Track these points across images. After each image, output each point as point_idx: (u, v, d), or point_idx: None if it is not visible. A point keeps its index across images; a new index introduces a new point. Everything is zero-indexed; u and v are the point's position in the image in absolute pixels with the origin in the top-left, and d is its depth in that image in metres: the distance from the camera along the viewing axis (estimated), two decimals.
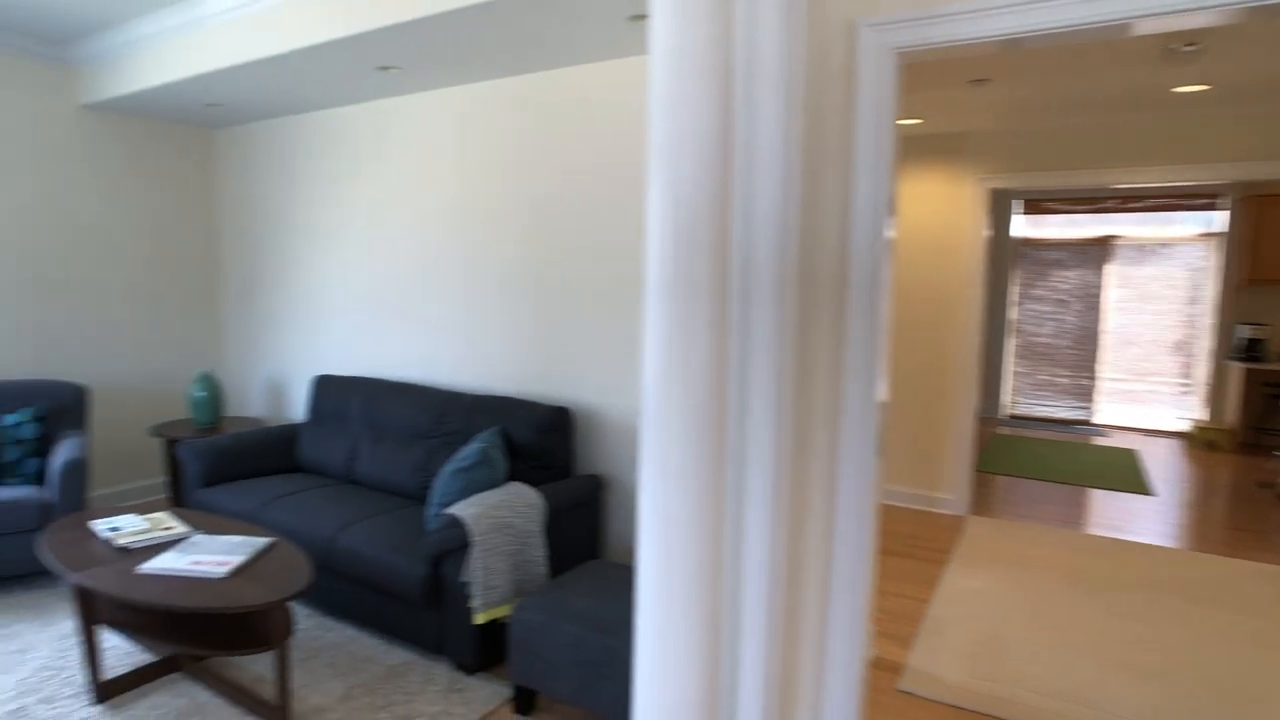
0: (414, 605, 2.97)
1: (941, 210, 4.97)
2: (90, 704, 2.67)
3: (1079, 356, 8.26)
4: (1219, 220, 7.45)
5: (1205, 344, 7.63)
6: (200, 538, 2.86)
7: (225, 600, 2.36)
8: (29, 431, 3.84)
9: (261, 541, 2.81)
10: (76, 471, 3.56)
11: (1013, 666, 3.06)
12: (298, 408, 4.86)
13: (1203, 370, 7.67)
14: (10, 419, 3.82)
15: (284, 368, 4.93)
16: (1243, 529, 4.87)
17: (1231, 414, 7.27)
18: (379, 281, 4.33)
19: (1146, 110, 4.28)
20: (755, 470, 1.94)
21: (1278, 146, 4.20)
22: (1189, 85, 3.71)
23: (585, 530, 3.32)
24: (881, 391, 2.06)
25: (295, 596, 2.44)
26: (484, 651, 2.87)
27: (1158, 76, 3.56)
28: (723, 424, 1.90)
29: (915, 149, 5.03)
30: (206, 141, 5.12)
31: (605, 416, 3.48)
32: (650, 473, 1.91)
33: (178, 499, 4.63)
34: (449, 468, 3.12)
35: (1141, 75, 3.55)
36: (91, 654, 2.67)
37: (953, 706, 2.78)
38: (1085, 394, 8.28)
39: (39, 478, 3.83)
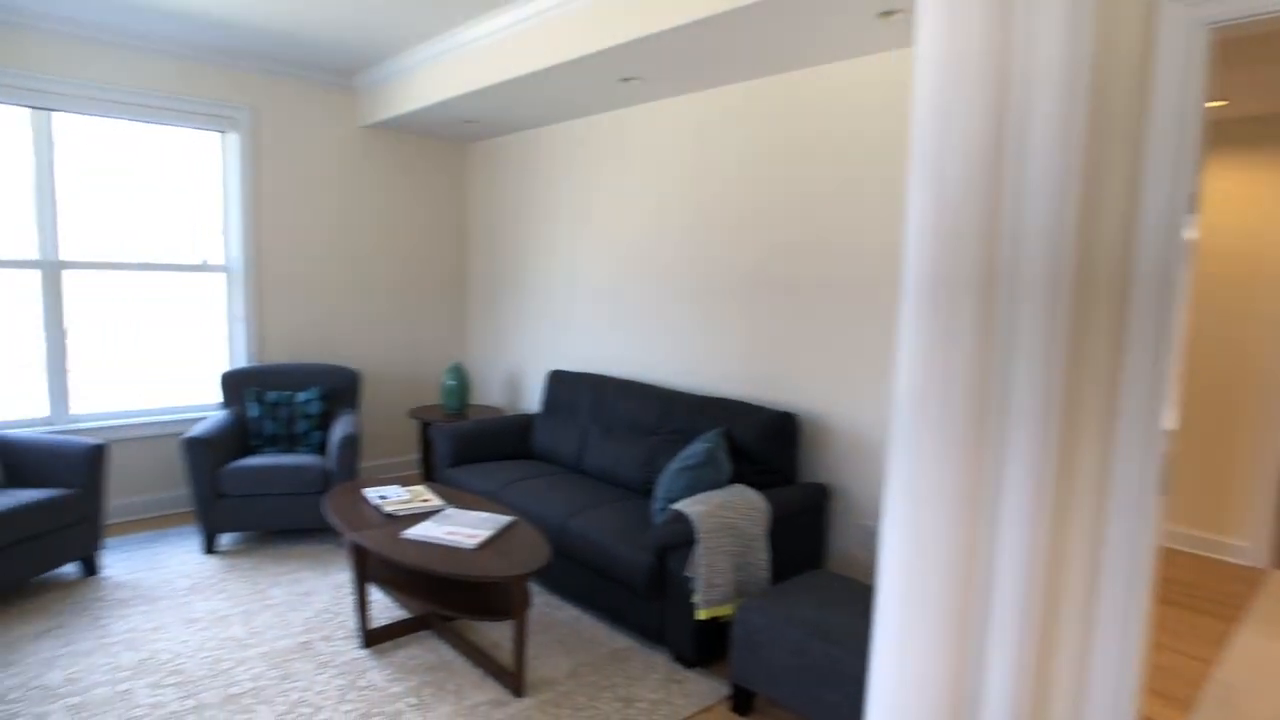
0: (637, 594, 3.05)
1: (1247, 206, 4.28)
2: (359, 647, 3.02)
3: None
4: None
5: None
6: (452, 511, 3.14)
7: (476, 569, 2.57)
8: (315, 408, 4.42)
9: (504, 519, 3.03)
10: (351, 445, 4.05)
11: None
12: (532, 399, 5.20)
13: None
14: (301, 396, 4.43)
15: (521, 361, 5.30)
16: None
17: None
18: (610, 283, 4.52)
19: None
20: (1012, 492, 1.78)
21: None
22: None
23: (808, 539, 3.24)
24: (1167, 418, 1.81)
25: (536, 573, 2.61)
26: (703, 647, 2.89)
27: None
28: (981, 439, 1.77)
29: (1214, 135, 4.37)
30: (461, 154, 5.64)
31: (832, 424, 3.38)
32: (897, 484, 1.82)
33: (428, 475, 5.13)
34: (674, 465, 3.18)
35: None
36: (362, 604, 3.02)
37: None
38: None
39: (321, 448, 4.40)
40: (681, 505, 2.89)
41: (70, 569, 3.69)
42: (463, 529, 2.91)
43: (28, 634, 3.05)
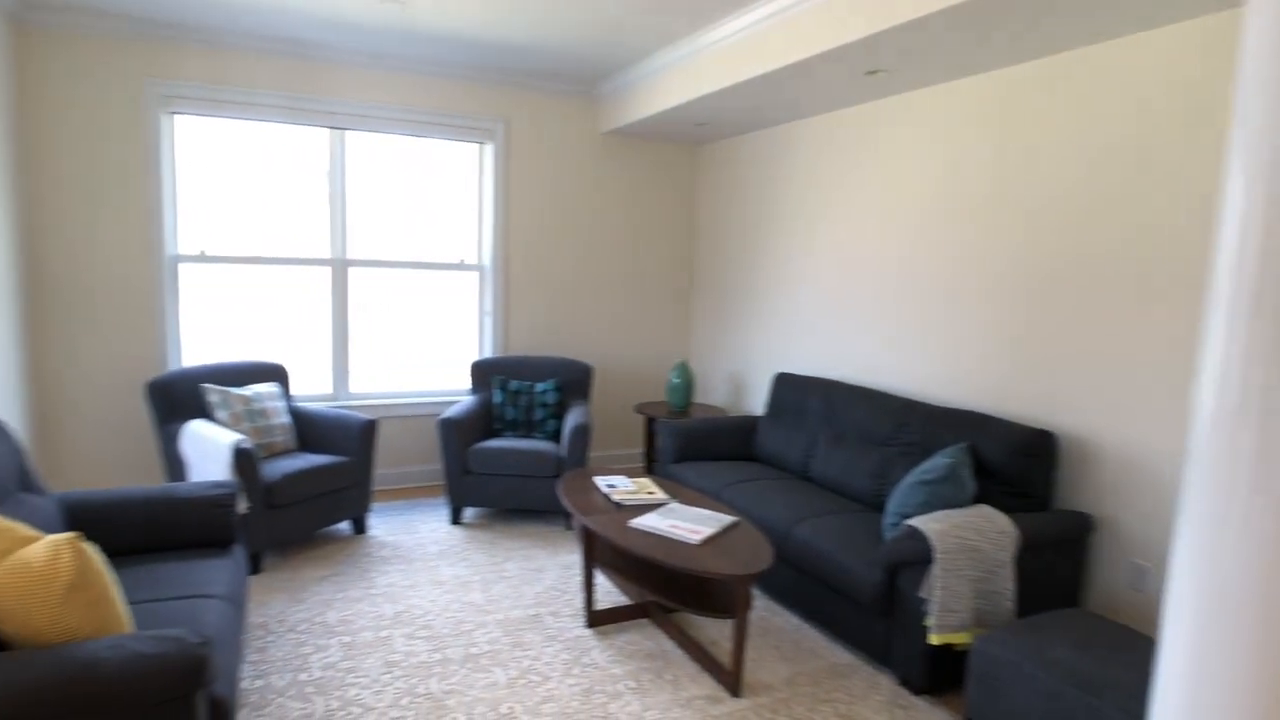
0: (863, 609, 2.91)
1: None
2: (583, 626, 3.15)
3: None
4: None
5: None
6: (676, 505, 3.18)
7: (699, 564, 2.58)
8: (551, 398, 4.70)
9: (727, 519, 3.02)
10: (583, 434, 4.25)
11: None
12: (754, 400, 5.17)
13: None
14: (540, 386, 4.72)
15: (745, 362, 5.28)
16: None
17: None
18: (844, 285, 4.37)
19: None
20: None
21: None
22: None
23: (1063, 573, 2.91)
24: None
25: (759, 575, 2.56)
26: (934, 674, 2.69)
27: None
28: None
29: None
30: (691, 157, 5.74)
31: (1099, 446, 3.00)
32: (1194, 522, 1.56)
33: (649, 469, 5.27)
34: (910, 478, 3.00)
35: None
36: (589, 585, 3.15)
37: None
38: None
39: (555, 435, 4.66)
40: (917, 521, 2.71)
41: (344, 526, 4.21)
42: (686, 524, 2.94)
43: (313, 577, 3.52)
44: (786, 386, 4.37)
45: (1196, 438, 1.59)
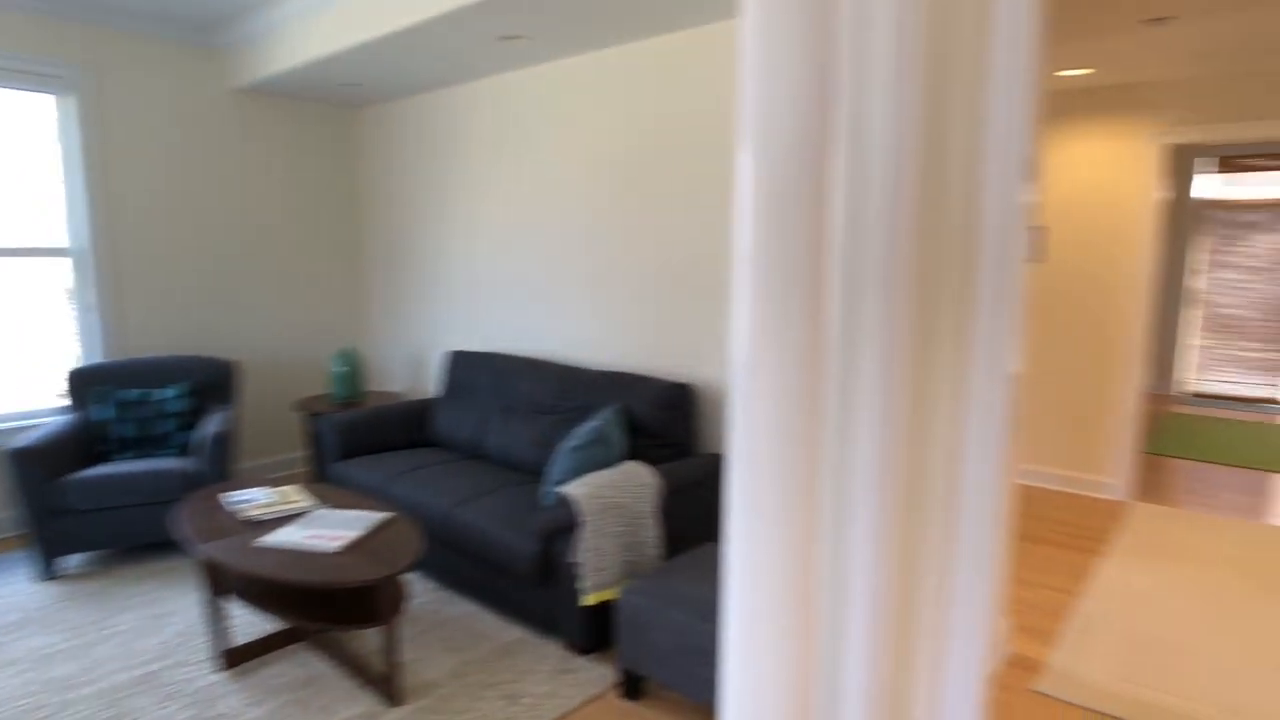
0: (525, 583, 2.89)
1: (1109, 170, 4.42)
2: (214, 671, 2.74)
3: (1270, 329, 7.25)
4: None
5: None
6: (322, 512, 2.88)
7: (331, 574, 2.34)
8: (179, 405, 4.02)
9: (379, 516, 2.80)
10: (221, 444, 3.70)
11: (1171, 673, 2.67)
12: (436, 382, 4.94)
13: None
14: (165, 393, 4.03)
15: (423, 342, 5.00)
16: None
17: None
18: (506, 257, 4.29)
19: None
20: (860, 454, 1.68)
21: None
22: None
23: (703, 510, 3.13)
24: (1013, 362, 1.76)
25: (400, 572, 2.39)
26: (596, 633, 2.76)
27: None
28: (818, 403, 1.67)
29: (1083, 103, 4.48)
30: (348, 121, 5.20)
31: (725, 392, 3.28)
32: (737, 457, 1.71)
33: (320, 472, 4.81)
34: (566, 445, 3.02)
35: None
36: (216, 622, 2.74)
37: (1093, 711, 2.47)
38: (1277, 369, 7.27)
39: (190, 450, 4.03)
40: (567, 488, 2.73)
41: None
42: (329, 531, 2.67)
43: None
44: (460, 364, 4.20)
45: (733, 380, 1.73)
